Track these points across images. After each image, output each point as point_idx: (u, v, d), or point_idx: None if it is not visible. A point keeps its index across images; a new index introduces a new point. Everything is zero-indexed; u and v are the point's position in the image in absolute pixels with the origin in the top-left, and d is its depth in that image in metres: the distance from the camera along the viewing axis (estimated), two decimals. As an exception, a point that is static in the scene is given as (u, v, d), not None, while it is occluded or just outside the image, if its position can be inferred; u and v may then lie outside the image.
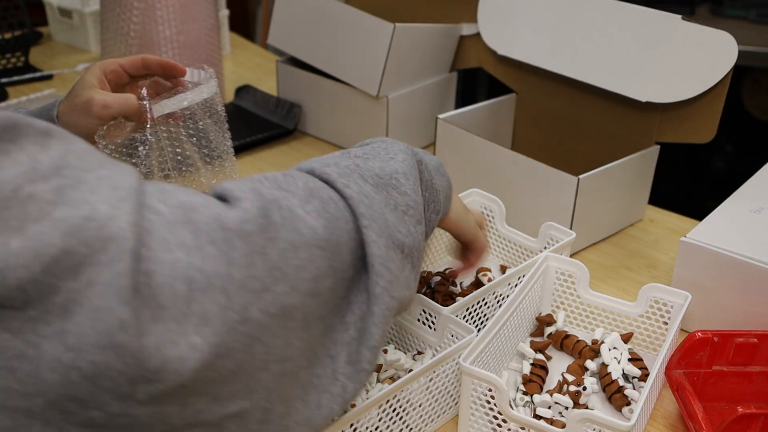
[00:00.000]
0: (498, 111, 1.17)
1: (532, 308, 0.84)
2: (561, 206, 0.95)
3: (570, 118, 1.12)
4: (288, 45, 1.28)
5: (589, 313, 0.85)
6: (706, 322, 0.83)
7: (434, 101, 1.27)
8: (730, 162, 2.21)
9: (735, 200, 0.90)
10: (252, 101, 1.36)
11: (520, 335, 0.82)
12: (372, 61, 1.15)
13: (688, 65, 0.94)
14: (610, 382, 0.75)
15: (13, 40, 1.54)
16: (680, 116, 0.99)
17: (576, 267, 0.83)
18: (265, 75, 1.57)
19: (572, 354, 0.81)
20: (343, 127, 1.26)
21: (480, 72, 2.12)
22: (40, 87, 1.46)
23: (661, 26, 0.96)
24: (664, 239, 1.04)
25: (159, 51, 1.27)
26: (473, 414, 0.70)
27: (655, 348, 0.82)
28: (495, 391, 0.66)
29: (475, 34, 1.21)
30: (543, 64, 1.07)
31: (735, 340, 0.74)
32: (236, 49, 1.73)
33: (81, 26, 1.63)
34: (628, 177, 1.01)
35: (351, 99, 1.22)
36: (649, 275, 0.97)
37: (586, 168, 0.95)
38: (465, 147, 1.06)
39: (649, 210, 1.10)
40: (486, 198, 0.96)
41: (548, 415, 0.72)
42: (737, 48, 0.90)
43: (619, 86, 1.00)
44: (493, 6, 1.13)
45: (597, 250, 1.02)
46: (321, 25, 1.21)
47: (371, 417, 0.66)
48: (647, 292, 0.80)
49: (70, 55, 1.64)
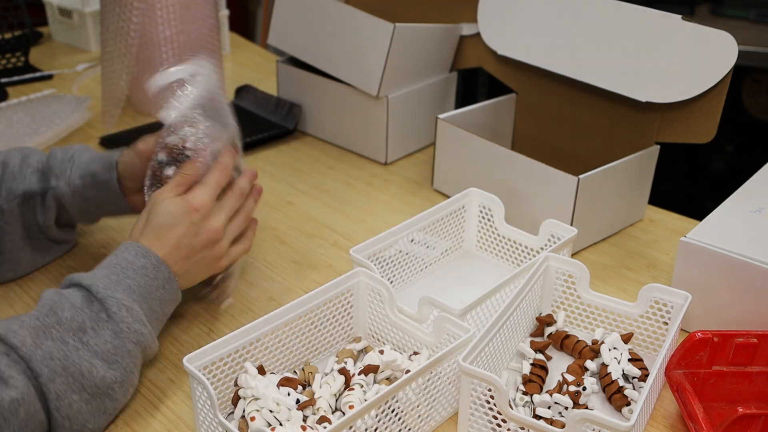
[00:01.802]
0: (498, 111, 1.17)
1: (532, 308, 0.84)
2: (561, 206, 0.95)
3: (570, 118, 1.12)
4: (288, 45, 1.28)
5: (590, 313, 0.84)
6: (706, 322, 0.83)
7: (434, 101, 1.27)
8: (730, 162, 2.21)
9: (735, 200, 0.90)
10: (252, 101, 1.36)
11: (520, 335, 0.82)
12: (372, 61, 1.15)
13: (688, 65, 0.94)
14: (610, 383, 0.75)
15: (13, 40, 1.54)
16: (680, 116, 0.99)
17: (576, 267, 0.83)
18: (265, 75, 1.57)
19: (572, 354, 0.81)
20: (343, 127, 1.26)
21: (480, 72, 2.12)
22: (40, 87, 1.46)
23: (661, 26, 0.96)
24: (664, 239, 1.04)
25: (159, 51, 1.27)
26: (473, 414, 0.70)
27: (655, 348, 0.82)
28: (494, 391, 0.66)
29: (475, 34, 1.21)
30: (543, 64, 1.07)
31: (735, 340, 0.74)
32: (236, 49, 1.73)
33: (81, 26, 1.63)
34: (628, 177, 1.01)
35: (351, 99, 1.21)
36: (649, 275, 0.97)
37: (586, 168, 0.95)
38: (465, 147, 1.06)
39: (649, 210, 1.10)
40: (485, 197, 0.96)
41: (548, 415, 0.72)
42: (737, 48, 0.90)
43: (619, 86, 1.00)
44: (493, 6, 1.13)
45: (597, 250, 1.02)
46: (321, 25, 1.21)
47: (369, 418, 0.66)
48: (647, 293, 0.80)
49: (70, 55, 1.64)
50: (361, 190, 1.16)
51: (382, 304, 0.79)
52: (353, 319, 0.82)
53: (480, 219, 0.98)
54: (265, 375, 0.71)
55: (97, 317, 0.70)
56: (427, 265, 0.95)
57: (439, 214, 0.94)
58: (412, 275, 0.93)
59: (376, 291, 0.79)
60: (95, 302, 0.70)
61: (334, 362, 0.77)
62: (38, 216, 0.89)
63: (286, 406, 0.68)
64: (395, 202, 1.13)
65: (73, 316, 0.68)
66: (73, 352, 0.66)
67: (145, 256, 0.74)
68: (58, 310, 0.68)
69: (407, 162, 1.25)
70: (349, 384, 0.72)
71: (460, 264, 0.98)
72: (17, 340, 0.65)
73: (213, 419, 0.66)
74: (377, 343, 0.82)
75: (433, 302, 0.76)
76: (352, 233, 1.04)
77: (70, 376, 0.66)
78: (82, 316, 0.69)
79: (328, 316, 0.79)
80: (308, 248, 1.01)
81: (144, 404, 0.75)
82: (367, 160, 1.24)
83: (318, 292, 0.77)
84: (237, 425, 0.68)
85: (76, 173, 0.88)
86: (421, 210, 0.93)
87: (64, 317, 0.68)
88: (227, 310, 0.89)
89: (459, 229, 0.98)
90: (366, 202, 1.13)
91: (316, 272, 0.96)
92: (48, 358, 0.65)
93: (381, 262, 0.88)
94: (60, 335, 0.67)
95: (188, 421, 0.74)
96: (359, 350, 0.80)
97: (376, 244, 0.87)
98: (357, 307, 0.81)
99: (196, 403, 0.68)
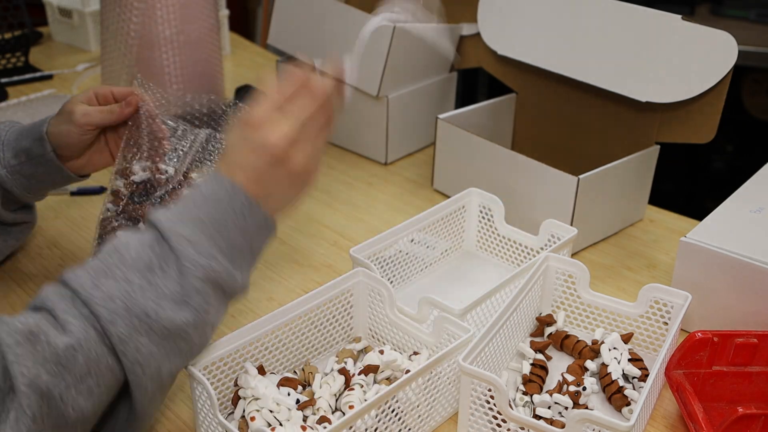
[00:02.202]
0: (498, 111, 1.17)
1: (532, 308, 0.84)
2: (561, 206, 0.95)
3: (570, 118, 1.12)
4: (288, 45, 1.28)
5: (590, 313, 0.84)
6: (706, 322, 0.83)
7: (434, 101, 1.27)
8: (730, 162, 2.21)
9: (735, 200, 0.90)
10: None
11: (520, 335, 0.82)
12: (372, 61, 1.15)
13: (688, 65, 0.94)
14: (610, 383, 0.75)
15: (13, 40, 1.54)
16: (680, 116, 0.99)
17: (576, 267, 0.83)
18: (265, 75, 1.57)
19: (572, 354, 0.81)
20: (343, 127, 1.26)
21: (480, 72, 2.12)
22: (40, 87, 1.46)
23: (661, 26, 0.96)
24: (664, 239, 1.04)
25: (159, 51, 1.27)
26: (473, 414, 0.70)
27: (655, 348, 0.82)
28: (494, 391, 0.66)
29: (475, 34, 1.21)
30: (543, 64, 1.07)
31: (735, 340, 0.74)
32: (236, 49, 1.73)
33: (81, 26, 1.63)
34: (628, 177, 1.01)
35: (351, 99, 1.21)
36: (649, 275, 0.97)
37: (586, 168, 0.95)
38: (465, 147, 1.06)
39: (649, 210, 1.10)
40: (485, 197, 0.96)
41: (548, 415, 0.72)
42: (737, 48, 0.90)
43: (619, 86, 1.00)
44: (493, 6, 1.13)
45: (597, 250, 1.02)
46: (321, 25, 1.21)
47: (369, 418, 0.66)
48: (647, 293, 0.80)
49: (70, 55, 1.64)
50: (361, 190, 1.16)
51: (382, 304, 0.79)
52: (353, 319, 0.82)
53: (480, 219, 0.98)
54: (265, 375, 0.71)
55: (166, 255, 0.63)
56: (427, 265, 0.95)
57: (439, 214, 0.94)
58: (412, 275, 0.93)
59: (376, 291, 0.79)
60: (164, 241, 0.64)
61: (334, 362, 0.77)
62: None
63: (286, 406, 0.68)
64: (395, 202, 1.13)
65: (139, 254, 0.62)
66: (137, 291, 0.61)
67: (216, 182, 0.66)
68: (122, 249, 0.63)
69: (407, 162, 1.25)
70: (349, 384, 0.72)
71: (460, 264, 0.98)
72: (76, 284, 0.60)
73: (213, 419, 0.66)
74: (377, 343, 0.82)
75: (433, 302, 0.76)
76: (352, 233, 1.04)
77: (135, 317, 0.60)
78: (149, 254, 0.63)
79: (328, 316, 0.79)
80: (308, 248, 1.01)
81: (144, 404, 0.75)
82: (367, 160, 1.24)
83: (318, 292, 0.77)
84: (237, 425, 0.68)
85: (9, 153, 0.85)
86: (421, 210, 0.93)
87: (129, 256, 0.62)
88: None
89: (459, 229, 0.98)
90: (366, 202, 1.13)
91: (316, 272, 0.96)
92: (108, 299, 0.60)
93: (381, 262, 0.88)
94: (124, 274, 0.61)
95: (188, 421, 0.74)
96: (359, 350, 0.80)
97: (376, 244, 0.87)
98: (357, 307, 0.81)
99: (196, 403, 0.68)
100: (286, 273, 0.96)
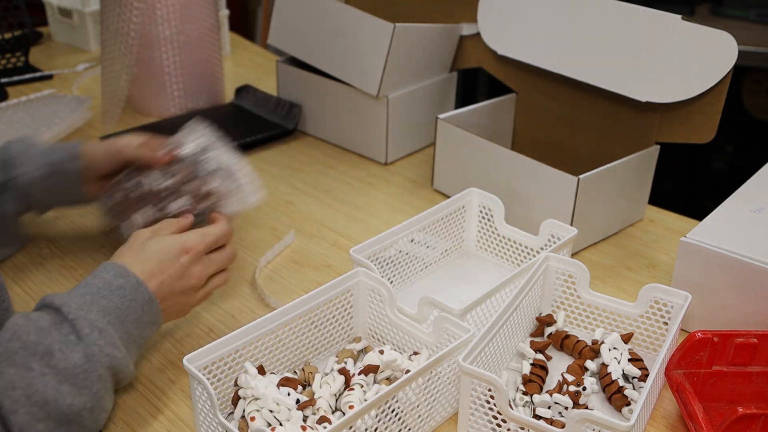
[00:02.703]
0: (498, 111, 1.17)
1: (532, 308, 0.84)
2: (561, 206, 0.95)
3: (570, 118, 1.12)
4: (288, 45, 1.28)
5: (589, 313, 0.84)
6: (706, 322, 0.83)
7: (434, 101, 1.27)
8: (730, 162, 2.21)
9: (735, 200, 0.90)
10: (252, 101, 1.36)
11: (520, 335, 0.82)
12: (372, 61, 1.15)
13: (688, 65, 0.94)
14: (610, 383, 0.75)
15: (13, 40, 1.54)
16: (680, 116, 0.99)
17: (576, 267, 0.83)
18: (265, 75, 1.57)
19: (572, 354, 0.81)
20: (343, 127, 1.26)
21: (480, 72, 2.12)
22: (40, 87, 1.46)
23: (661, 26, 0.96)
24: (664, 239, 1.04)
25: (159, 51, 1.27)
26: (473, 414, 0.70)
27: (655, 348, 0.82)
28: (494, 391, 0.66)
29: (475, 34, 1.21)
30: (543, 64, 1.07)
31: (735, 341, 0.74)
32: (236, 49, 1.73)
33: (81, 26, 1.63)
34: (628, 177, 1.01)
35: (351, 99, 1.21)
36: (649, 275, 0.97)
37: (586, 168, 0.95)
38: (465, 147, 1.06)
39: (649, 210, 1.10)
40: (485, 197, 0.96)
41: (548, 415, 0.72)
42: (737, 48, 0.90)
43: (619, 86, 1.00)
44: (493, 6, 1.13)
45: (597, 250, 1.02)
46: (321, 25, 1.21)
47: (369, 418, 0.66)
48: (647, 293, 0.80)
49: (70, 55, 1.64)
50: (361, 190, 1.16)
51: (382, 304, 0.79)
52: (353, 319, 0.82)
53: (480, 219, 0.98)
54: (265, 375, 0.71)
55: (66, 339, 0.65)
56: (427, 265, 0.95)
57: (439, 214, 0.94)
58: (412, 275, 0.93)
59: (376, 291, 0.79)
60: (65, 324, 0.66)
61: (334, 362, 0.77)
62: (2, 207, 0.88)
63: (286, 406, 0.68)
64: (395, 202, 1.13)
65: (39, 339, 0.64)
66: (37, 379, 0.63)
67: (124, 276, 0.71)
68: (22, 333, 0.64)
69: (407, 162, 1.25)
70: (349, 384, 0.72)
71: (460, 264, 0.98)
72: None
73: (213, 419, 0.66)
74: (377, 343, 0.82)
75: (433, 302, 0.76)
76: (352, 233, 1.04)
77: (34, 405, 0.62)
78: (49, 338, 0.65)
79: (328, 316, 0.79)
80: (308, 248, 1.01)
81: (144, 404, 0.75)
82: (367, 160, 1.24)
83: (318, 292, 0.77)
84: (237, 425, 0.68)
85: (40, 161, 0.88)
86: (421, 210, 0.93)
87: (29, 341, 0.64)
88: (227, 310, 0.89)
89: (459, 229, 0.98)
90: (366, 202, 1.13)
91: (316, 272, 0.96)
92: (9, 388, 0.61)
93: (381, 262, 0.88)
94: (24, 361, 0.63)
95: (188, 421, 0.74)
96: (359, 350, 0.80)
97: (376, 244, 0.87)
98: (357, 307, 0.81)
99: (196, 403, 0.68)
100: (286, 273, 0.96)
